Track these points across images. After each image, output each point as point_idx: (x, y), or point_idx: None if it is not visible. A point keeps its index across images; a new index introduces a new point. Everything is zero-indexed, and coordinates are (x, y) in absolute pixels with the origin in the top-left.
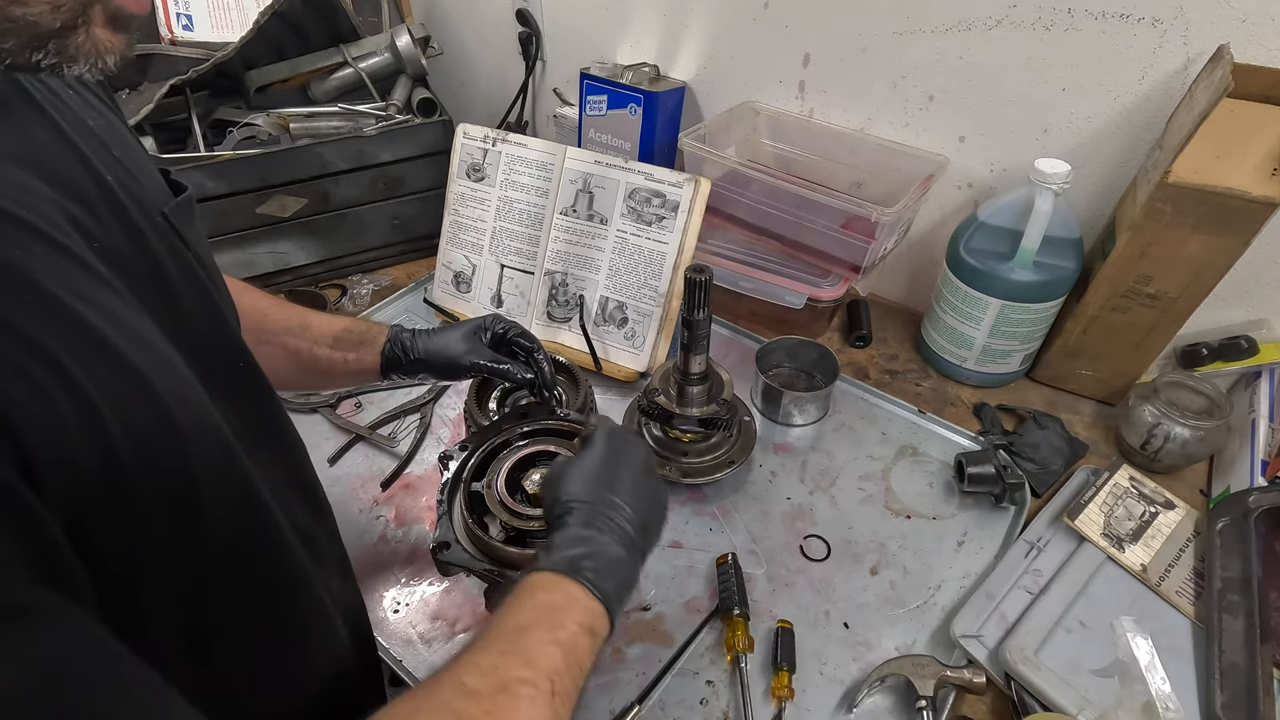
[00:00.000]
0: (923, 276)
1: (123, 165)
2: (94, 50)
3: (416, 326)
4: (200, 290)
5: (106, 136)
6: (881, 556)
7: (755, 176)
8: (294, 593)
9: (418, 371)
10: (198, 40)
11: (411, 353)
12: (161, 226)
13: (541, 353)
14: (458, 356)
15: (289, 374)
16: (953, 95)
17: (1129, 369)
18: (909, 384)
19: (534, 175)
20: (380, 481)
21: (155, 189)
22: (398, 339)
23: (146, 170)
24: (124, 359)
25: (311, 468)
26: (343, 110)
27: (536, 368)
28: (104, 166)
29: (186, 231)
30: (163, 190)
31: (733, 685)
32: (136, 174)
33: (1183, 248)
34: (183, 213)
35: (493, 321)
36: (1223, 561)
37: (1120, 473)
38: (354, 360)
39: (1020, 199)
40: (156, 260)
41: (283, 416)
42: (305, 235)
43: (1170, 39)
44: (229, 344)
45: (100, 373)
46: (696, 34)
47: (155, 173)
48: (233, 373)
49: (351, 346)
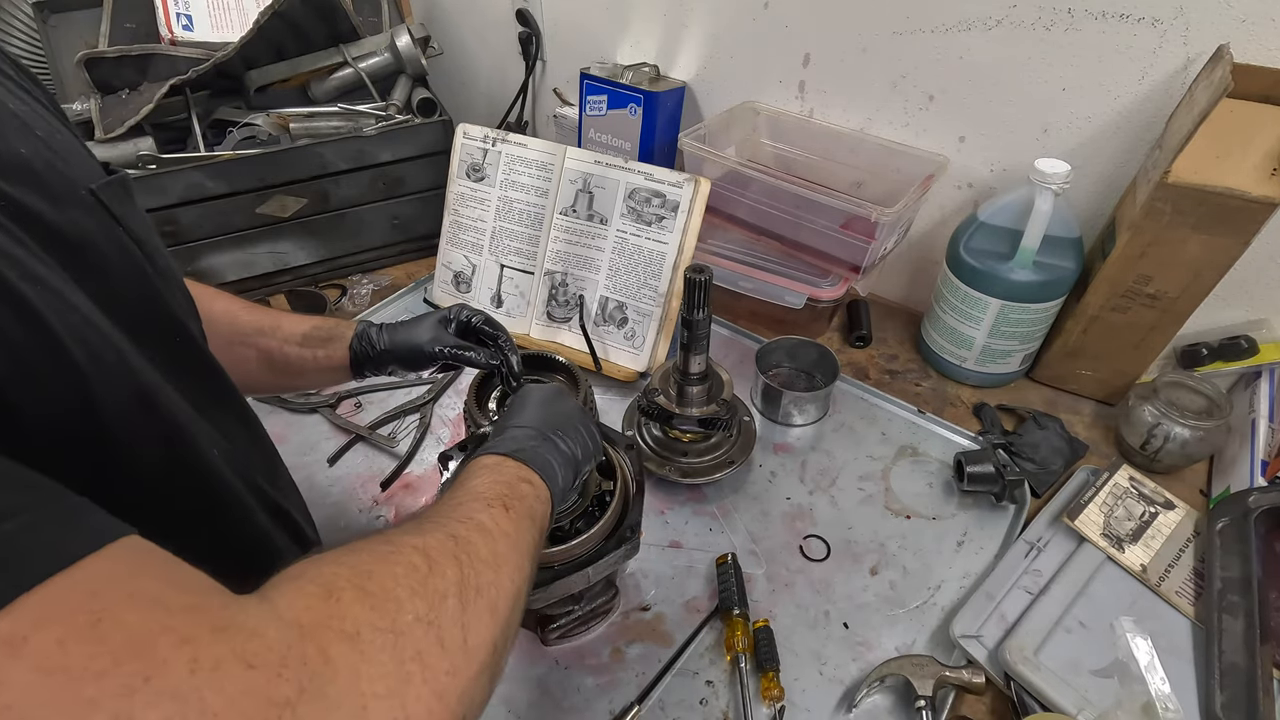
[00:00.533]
0: (923, 276)
1: (46, 145)
2: None
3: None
4: (134, 266)
5: (29, 119)
6: (881, 556)
7: (755, 176)
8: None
9: (386, 364)
10: (198, 40)
11: (378, 344)
12: (87, 201)
13: (506, 339)
14: (422, 345)
15: (263, 375)
16: (953, 95)
17: (1129, 369)
18: (909, 384)
19: (534, 175)
20: (380, 481)
21: (83, 169)
22: (364, 333)
23: (75, 152)
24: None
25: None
26: (343, 110)
27: (501, 355)
28: (20, 142)
29: (119, 209)
30: (94, 171)
31: (732, 685)
32: (61, 154)
33: (1183, 248)
34: (113, 191)
35: (458, 310)
36: (1223, 561)
37: (1120, 473)
38: (323, 357)
39: (1020, 199)
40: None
41: (235, 392)
42: (305, 235)
43: (1170, 39)
44: (167, 319)
45: None
46: (696, 34)
47: (87, 158)
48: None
49: (320, 343)
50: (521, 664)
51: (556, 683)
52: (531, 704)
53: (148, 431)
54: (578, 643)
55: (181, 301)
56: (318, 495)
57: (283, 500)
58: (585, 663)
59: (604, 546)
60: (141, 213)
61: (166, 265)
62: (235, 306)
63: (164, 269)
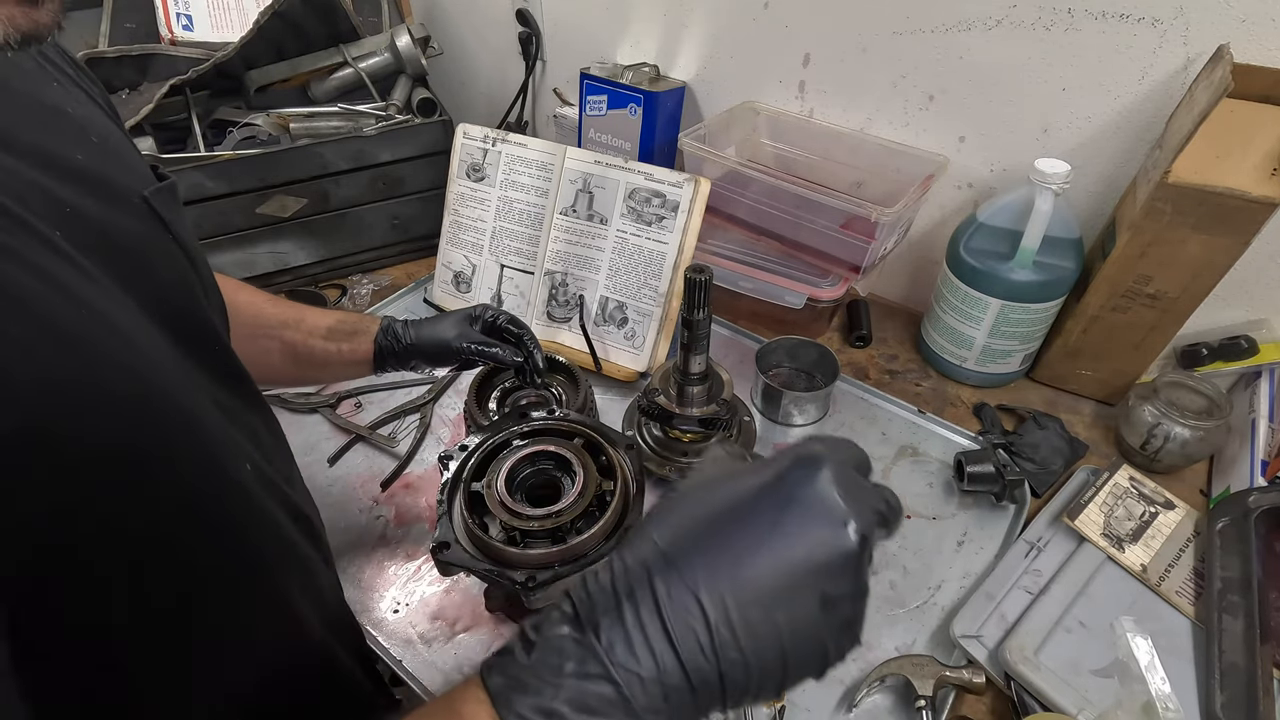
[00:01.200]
0: (923, 276)
1: (102, 149)
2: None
3: (410, 318)
4: (181, 274)
5: (86, 123)
6: (881, 556)
7: (755, 176)
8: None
9: (410, 359)
10: (198, 40)
11: (403, 339)
12: (140, 209)
13: (530, 336)
14: (449, 340)
15: (285, 368)
16: (953, 95)
17: (1129, 369)
18: (909, 384)
19: (534, 175)
20: (380, 481)
21: (136, 175)
22: (390, 328)
23: (129, 157)
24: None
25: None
26: (343, 110)
27: (525, 351)
28: (77, 146)
29: (168, 215)
30: (146, 178)
31: None
32: (115, 159)
33: (1183, 248)
34: (164, 198)
35: (483, 310)
36: (1223, 561)
37: (1120, 473)
38: (348, 351)
39: (1020, 199)
40: (133, 238)
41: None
42: (305, 235)
43: (1170, 39)
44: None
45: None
46: (696, 34)
47: (140, 163)
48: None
49: (345, 337)
50: None
51: None
52: None
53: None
54: None
55: (217, 306)
56: (318, 495)
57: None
58: None
59: (604, 546)
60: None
61: (207, 271)
62: (259, 299)
63: (205, 276)
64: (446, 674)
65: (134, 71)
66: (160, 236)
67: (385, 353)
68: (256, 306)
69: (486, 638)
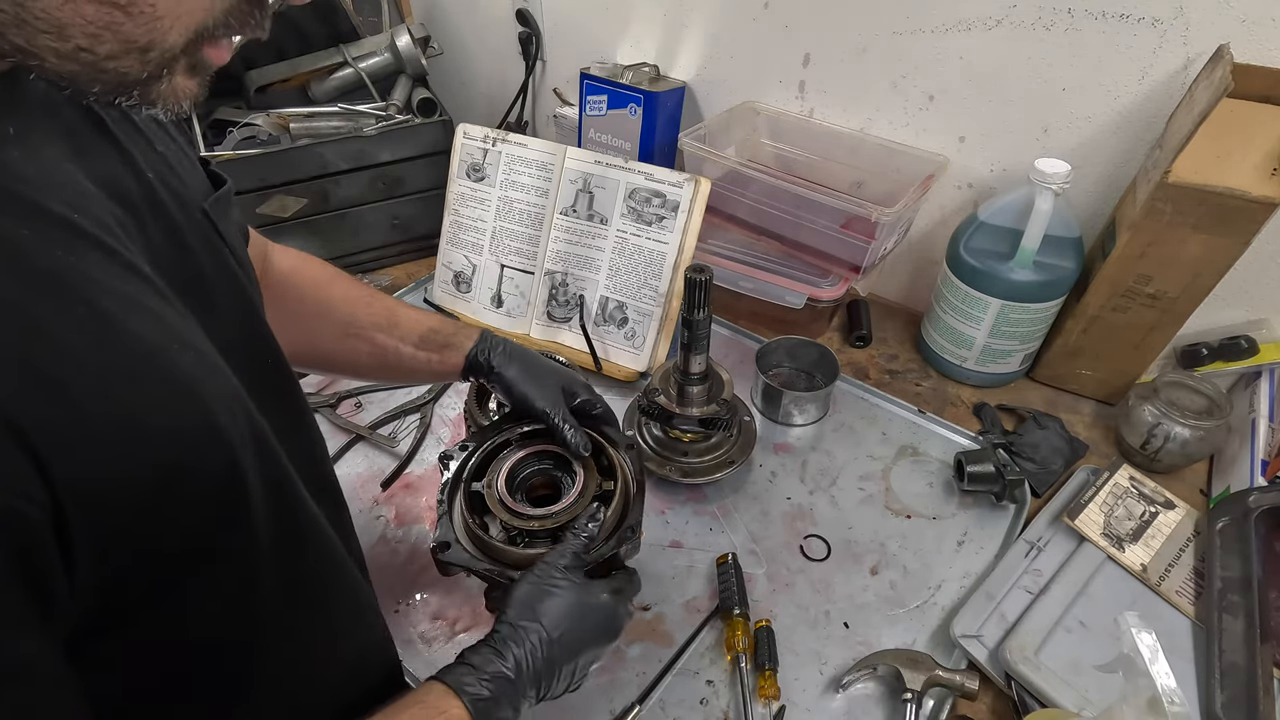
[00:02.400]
0: (923, 276)
1: (165, 161)
2: (173, 96)
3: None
4: (235, 288)
5: (150, 131)
6: (881, 556)
7: (755, 176)
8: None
9: (494, 384)
10: None
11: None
12: (201, 224)
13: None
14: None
15: (370, 368)
16: (953, 95)
17: (1129, 369)
18: (909, 384)
19: (534, 175)
20: (380, 481)
21: (196, 184)
22: (485, 351)
23: (187, 164)
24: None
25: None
26: (343, 110)
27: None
28: (146, 164)
29: (224, 227)
30: (203, 184)
31: (733, 685)
32: (177, 168)
33: (1183, 248)
34: (221, 207)
35: (585, 389)
36: (1223, 561)
37: (1120, 473)
38: (438, 362)
39: (1020, 199)
40: (196, 260)
41: (308, 411)
42: (305, 235)
43: (1170, 39)
44: (262, 342)
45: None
46: (696, 34)
47: (196, 166)
48: (265, 371)
49: (437, 348)
50: None
51: None
52: None
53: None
54: None
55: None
56: None
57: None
58: None
59: (604, 547)
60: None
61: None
62: (355, 294)
63: (256, 283)
64: None
65: None
66: (219, 253)
67: (474, 369)
68: (352, 305)
69: None
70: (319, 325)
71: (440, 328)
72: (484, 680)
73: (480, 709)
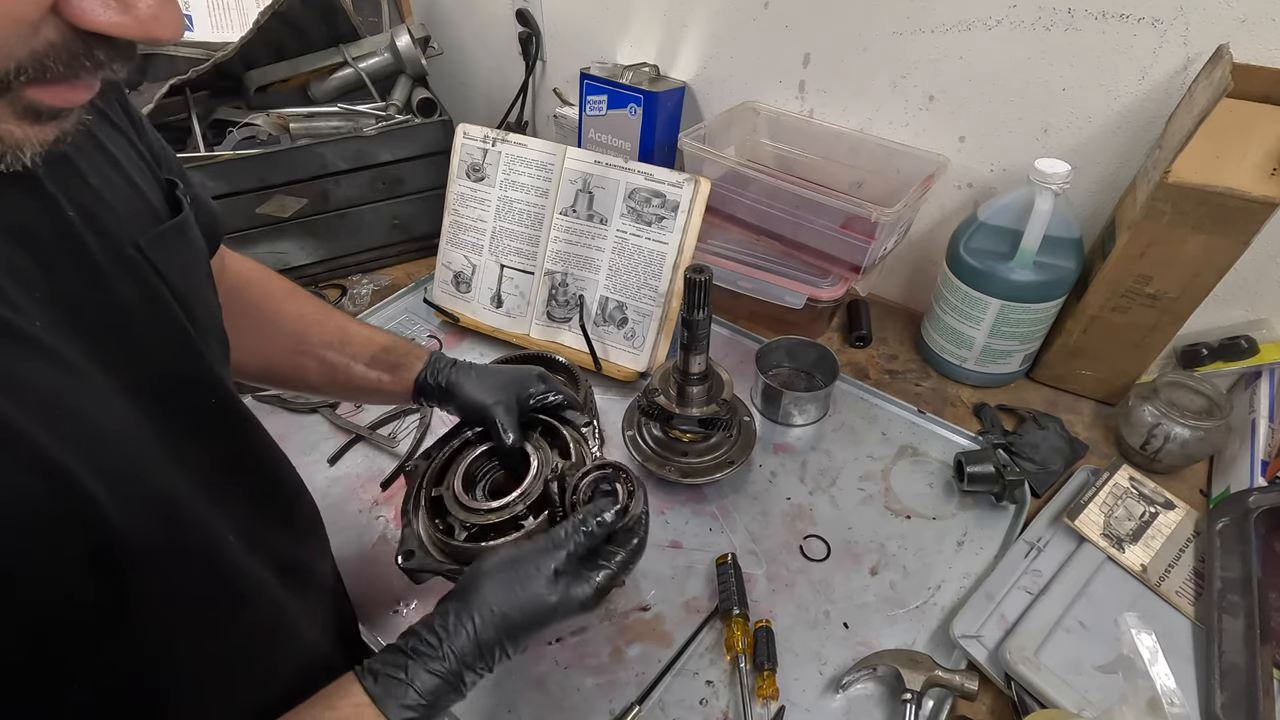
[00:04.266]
0: (923, 276)
1: (99, 196)
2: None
3: (460, 359)
4: (171, 326)
5: (85, 163)
6: (881, 556)
7: (755, 176)
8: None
9: (446, 405)
10: (198, 40)
11: (444, 388)
12: (133, 260)
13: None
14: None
15: (321, 385)
16: (953, 95)
17: (1129, 369)
18: (909, 384)
19: (534, 175)
20: (380, 481)
21: (135, 217)
22: (435, 370)
23: (128, 197)
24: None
25: (296, 483)
26: (343, 110)
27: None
28: (69, 201)
29: (164, 262)
30: (145, 217)
31: (733, 685)
32: (114, 203)
33: (1183, 248)
34: (163, 242)
35: (538, 381)
36: (1223, 561)
37: (1120, 473)
38: (389, 381)
39: (1020, 199)
40: (117, 303)
41: (260, 443)
42: (305, 235)
43: (1170, 39)
44: (201, 381)
45: None
46: (696, 34)
47: (143, 197)
48: (203, 409)
49: (388, 368)
50: (522, 664)
51: (556, 683)
52: (531, 704)
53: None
54: (578, 639)
55: (218, 353)
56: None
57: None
58: (585, 663)
59: None
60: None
61: (206, 316)
62: (307, 310)
63: (203, 323)
64: None
65: (134, 71)
66: (153, 292)
67: (425, 391)
68: (304, 321)
69: None
70: (269, 339)
71: (393, 347)
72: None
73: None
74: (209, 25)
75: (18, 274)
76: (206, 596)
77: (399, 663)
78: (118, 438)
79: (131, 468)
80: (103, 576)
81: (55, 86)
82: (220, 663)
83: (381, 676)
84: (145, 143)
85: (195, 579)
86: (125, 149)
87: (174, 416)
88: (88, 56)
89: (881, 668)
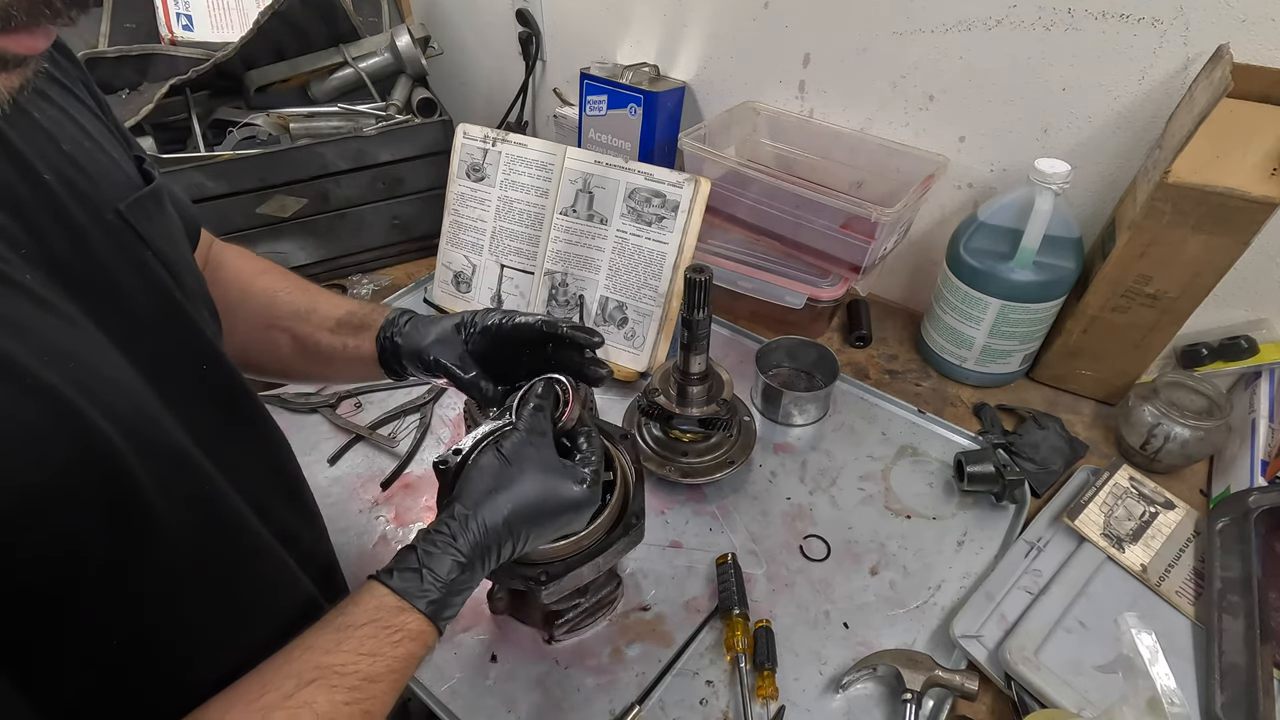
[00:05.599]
0: (923, 276)
1: (72, 161)
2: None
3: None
4: (159, 290)
5: (56, 130)
6: (881, 556)
7: (755, 176)
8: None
9: (405, 361)
10: (198, 40)
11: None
12: (114, 225)
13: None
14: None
15: (295, 362)
16: (953, 95)
17: (1129, 369)
18: (909, 384)
19: (534, 175)
20: (380, 481)
21: (113, 184)
22: (393, 323)
23: (103, 164)
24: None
25: (296, 470)
26: (343, 110)
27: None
28: (45, 166)
29: (146, 228)
30: (123, 184)
31: (733, 685)
32: (89, 168)
33: (1183, 248)
34: (143, 208)
35: (483, 316)
36: (1223, 561)
37: (1120, 473)
38: (353, 347)
39: (1020, 199)
40: (103, 263)
41: (260, 416)
42: (305, 235)
43: (1170, 39)
44: (192, 346)
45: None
46: (696, 34)
47: (118, 165)
48: (197, 375)
49: (352, 331)
50: (522, 664)
51: (556, 683)
52: (531, 704)
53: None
54: (578, 639)
55: (209, 320)
56: (318, 495)
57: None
58: (585, 663)
59: (610, 536)
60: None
61: (194, 282)
62: (277, 284)
63: (191, 288)
64: (446, 674)
65: (134, 71)
66: (137, 256)
67: (385, 352)
68: (270, 295)
69: (487, 638)
70: (238, 316)
71: (358, 310)
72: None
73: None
74: (209, 25)
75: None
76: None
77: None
78: (123, 386)
79: (143, 417)
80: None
81: (18, 34)
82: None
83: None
84: (113, 123)
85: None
86: (94, 123)
87: (171, 379)
88: (46, 4)
89: (881, 668)
